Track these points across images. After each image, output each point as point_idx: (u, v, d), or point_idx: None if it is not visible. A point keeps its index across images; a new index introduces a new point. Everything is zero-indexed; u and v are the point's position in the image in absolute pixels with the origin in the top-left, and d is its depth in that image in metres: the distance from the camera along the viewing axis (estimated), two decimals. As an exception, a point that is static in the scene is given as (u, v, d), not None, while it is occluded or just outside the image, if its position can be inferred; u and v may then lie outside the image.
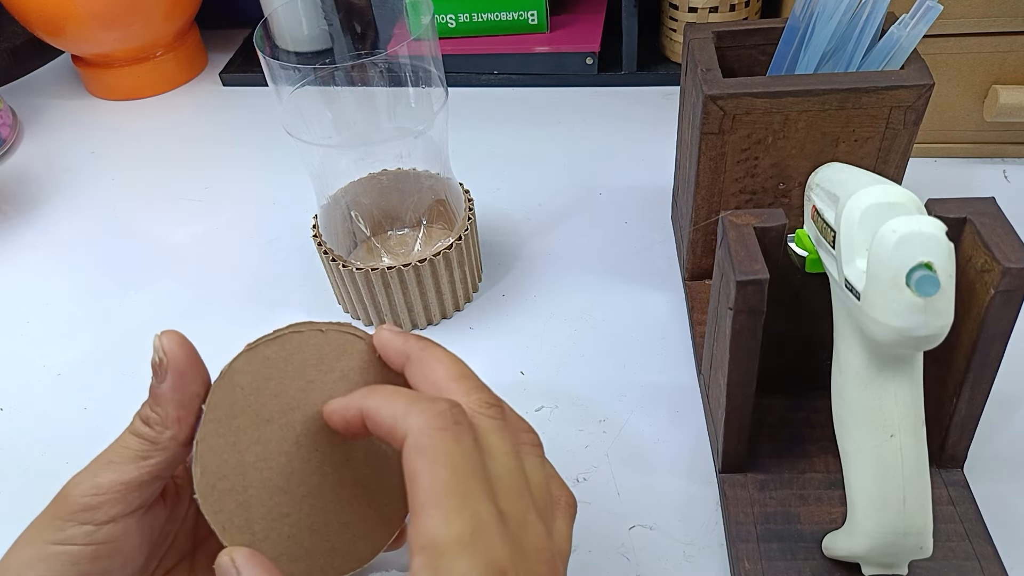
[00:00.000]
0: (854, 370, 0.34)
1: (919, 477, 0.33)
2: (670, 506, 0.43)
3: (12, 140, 0.78)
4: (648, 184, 0.64)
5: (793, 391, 0.45)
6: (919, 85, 0.43)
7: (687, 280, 0.54)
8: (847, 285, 0.32)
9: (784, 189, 0.48)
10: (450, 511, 0.26)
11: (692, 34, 0.49)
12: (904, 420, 0.33)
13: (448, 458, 0.26)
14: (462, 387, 0.31)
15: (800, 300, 0.40)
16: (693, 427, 0.47)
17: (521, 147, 0.70)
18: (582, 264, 0.58)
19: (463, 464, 0.27)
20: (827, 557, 0.38)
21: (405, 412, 0.28)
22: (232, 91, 0.84)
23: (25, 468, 0.48)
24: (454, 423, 0.27)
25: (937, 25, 0.43)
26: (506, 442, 0.29)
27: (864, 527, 0.34)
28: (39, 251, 0.65)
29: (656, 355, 0.51)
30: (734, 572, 0.39)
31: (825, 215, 0.35)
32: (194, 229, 0.66)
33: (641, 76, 0.76)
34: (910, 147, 0.46)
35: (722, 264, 0.38)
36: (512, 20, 0.76)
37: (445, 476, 0.26)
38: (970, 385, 0.38)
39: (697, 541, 0.41)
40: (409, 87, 0.50)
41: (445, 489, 0.26)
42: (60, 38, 0.79)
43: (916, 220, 0.29)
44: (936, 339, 0.30)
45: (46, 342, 0.57)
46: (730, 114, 0.45)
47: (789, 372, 0.44)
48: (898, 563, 0.35)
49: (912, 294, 0.29)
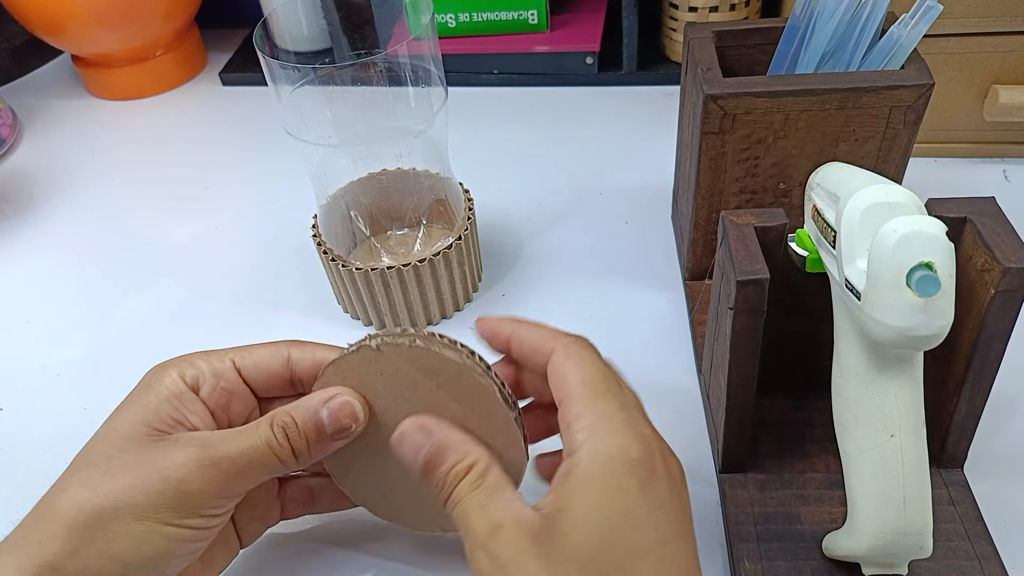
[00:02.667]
0: (855, 370, 0.34)
1: (919, 477, 0.33)
2: (670, 506, 0.43)
3: (12, 140, 0.78)
4: (648, 184, 0.64)
5: (793, 391, 0.45)
6: (919, 85, 0.43)
7: (687, 280, 0.54)
8: (847, 285, 0.32)
9: (784, 189, 0.48)
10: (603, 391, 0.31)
11: (692, 33, 0.49)
12: (904, 420, 0.33)
13: (592, 361, 0.32)
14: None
15: (800, 300, 0.40)
16: (693, 427, 0.47)
17: (521, 147, 0.70)
18: (582, 264, 0.58)
19: (603, 367, 0.32)
20: (827, 557, 0.38)
21: (552, 336, 0.34)
22: (232, 91, 0.84)
23: (25, 468, 0.48)
24: (589, 346, 0.33)
25: (937, 25, 0.43)
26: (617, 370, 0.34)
27: (864, 527, 0.34)
28: (39, 251, 0.65)
29: (656, 355, 0.51)
30: (734, 572, 0.39)
31: (825, 215, 0.35)
32: (194, 229, 0.65)
33: (641, 76, 0.76)
34: (910, 147, 0.46)
35: (722, 264, 0.38)
36: (512, 20, 0.76)
37: (592, 370, 0.32)
38: (970, 385, 0.38)
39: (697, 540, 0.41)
40: (409, 87, 0.50)
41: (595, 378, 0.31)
42: (60, 38, 0.79)
43: (917, 220, 0.29)
44: (936, 339, 0.30)
45: (46, 342, 0.57)
46: (730, 114, 0.45)
47: (789, 372, 0.44)
48: (898, 563, 0.35)
49: (912, 294, 0.29)
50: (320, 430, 0.34)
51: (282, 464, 0.34)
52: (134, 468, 0.32)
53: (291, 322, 0.56)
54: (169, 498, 0.31)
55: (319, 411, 0.34)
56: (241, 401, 0.37)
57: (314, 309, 0.57)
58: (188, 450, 0.32)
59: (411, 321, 0.53)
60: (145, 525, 0.31)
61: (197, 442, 0.33)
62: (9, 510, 0.46)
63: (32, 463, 0.49)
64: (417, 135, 0.52)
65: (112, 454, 0.33)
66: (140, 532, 0.31)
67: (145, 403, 0.34)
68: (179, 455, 0.32)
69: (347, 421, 0.34)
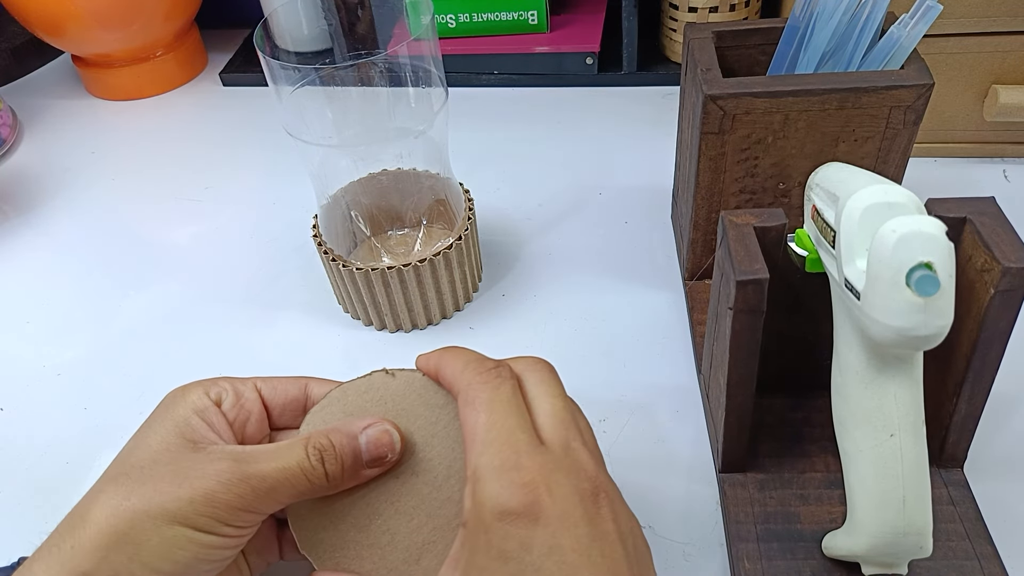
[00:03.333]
0: (854, 370, 0.34)
1: (919, 477, 0.33)
2: (670, 506, 0.43)
3: (12, 140, 0.78)
4: (648, 184, 0.64)
5: (793, 391, 0.45)
6: (919, 85, 0.43)
7: (687, 280, 0.54)
8: (847, 285, 0.32)
9: (784, 189, 0.48)
10: (485, 444, 0.30)
11: (692, 34, 0.49)
12: (904, 420, 0.33)
13: (487, 404, 0.31)
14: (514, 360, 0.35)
15: (800, 300, 0.40)
16: (693, 427, 0.47)
17: (521, 147, 0.70)
18: (582, 264, 0.58)
19: (501, 407, 0.31)
20: (827, 557, 0.38)
21: (461, 370, 0.33)
22: (232, 91, 0.84)
23: (25, 468, 0.48)
24: (496, 376, 0.32)
25: (937, 25, 0.43)
26: (554, 387, 0.33)
27: (864, 526, 0.34)
28: (39, 251, 0.65)
29: (656, 355, 0.51)
30: (734, 572, 0.39)
31: (825, 215, 0.35)
32: (194, 229, 0.66)
33: (641, 76, 0.76)
34: (910, 147, 0.46)
35: (722, 264, 0.38)
36: (512, 20, 0.76)
37: (483, 418, 0.31)
38: (970, 385, 0.38)
39: (697, 541, 0.41)
40: (409, 87, 0.50)
41: (483, 428, 0.31)
42: (60, 38, 0.79)
43: (916, 220, 0.29)
44: (936, 339, 0.30)
45: (46, 342, 0.57)
46: (730, 114, 0.45)
47: (789, 372, 0.44)
48: (898, 562, 0.35)
49: (912, 294, 0.29)
50: (357, 456, 0.34)
51: (312, 487, 0.33)
52: (166, 476, 0.32)
53: (291, 322, 0.56)
54: (199, 506, 0.31)
55: (358, 437, 0.34)
56: (257, 424, 0.37)
57: (314, 309, 0.57)
58: (221, 463, 0.32)
59: (411, 321, 0.53)
60: (176, 531, 0.31)
61: (230, 456, 0.32)
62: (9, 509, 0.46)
63: (33, 463, 0.49)
64: (417, 135, 0.52)
65: (145, 464, 0.32)
66: (171, 537, 0.31)
67: (175, 416, 0.34)
68: (211, 467, 0.32)
69: (384, 450, 0.34)
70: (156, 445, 0.33)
